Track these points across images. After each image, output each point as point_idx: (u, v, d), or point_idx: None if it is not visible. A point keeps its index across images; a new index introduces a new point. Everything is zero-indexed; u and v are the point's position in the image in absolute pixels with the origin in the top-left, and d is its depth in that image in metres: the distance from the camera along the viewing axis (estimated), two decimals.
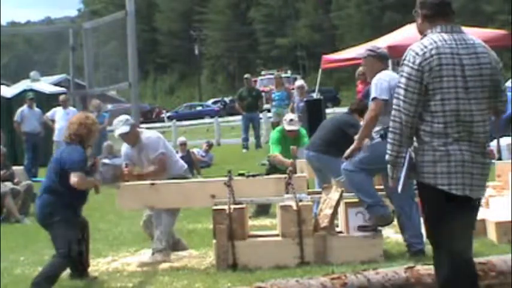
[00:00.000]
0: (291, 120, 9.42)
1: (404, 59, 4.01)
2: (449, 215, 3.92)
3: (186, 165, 7.41)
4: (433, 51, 3.91)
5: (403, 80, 3.97)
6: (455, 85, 3.89)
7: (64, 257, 5.91)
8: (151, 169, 7.01)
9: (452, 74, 3.90)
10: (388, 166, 4.07)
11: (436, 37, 3.97)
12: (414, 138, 3.99)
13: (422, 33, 4.08)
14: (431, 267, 4.92)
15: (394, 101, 4.01)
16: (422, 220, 6.56)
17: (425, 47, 3.95)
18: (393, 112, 4.01)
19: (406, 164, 3.98)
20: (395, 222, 8.02)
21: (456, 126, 3.88)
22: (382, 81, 6.26)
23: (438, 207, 3.96)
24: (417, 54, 3.95)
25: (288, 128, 9.31)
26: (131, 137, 7.14)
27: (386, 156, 4.05)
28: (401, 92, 3.96)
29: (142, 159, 7.12)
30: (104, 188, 6.70)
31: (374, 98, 6.26)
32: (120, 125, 7.12)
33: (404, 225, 6.52)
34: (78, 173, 6.00)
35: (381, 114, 6.21)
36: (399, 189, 4.05)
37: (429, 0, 4.04)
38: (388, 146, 4.04)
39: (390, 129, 4.03)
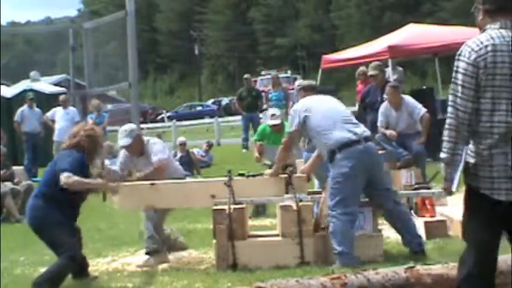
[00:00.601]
0: (273, 115, 9.48)
1: (460, 54, 3.89)
2: (487, 217, 3.83)
3: (184, 172, 7.51)
4: (489, 48, 3.81)
5: (459, 76, 3.85)
6: (508, 84, 3.78)
7: (69, 259, 5.88)
8: (148, 171, 6.96)
9: (506, 72, 3.78)
10: (442, 165, 3.93)
11: (494, 33, 3.87)
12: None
13: (482, 28, 3.98)
14: (431, 267, 4.93)
15: (450, 97, 3.89)
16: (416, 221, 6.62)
17: (482, 43, 3.85)
18: (449, 109, 3.89)
19: (462, 164, 3.85)
20: None
21: (504, 128, 3.77)
22: (293, 112, 6.70)
23: (478, 210, 3.88)
24: (473, 50, 3.84)
25: (271, 123, 9.38)
26: (135, 149, 7.08)
27: (441, 155, 3.90)
28: (458, 88, 3.84)
29: (147, 167, 7.04)
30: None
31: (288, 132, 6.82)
32: (122, 136, 7.00)
33: (398, 230, 6.51)
34: (67, 173, 5.88)
35: (292, 145, 6.69)
36: (453, 189, 3.92)
37: None
38: (444, 144, 3.90)
39: (446, 126, 3.89)
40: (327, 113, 6.46)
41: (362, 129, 6.41)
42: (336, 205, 6.18)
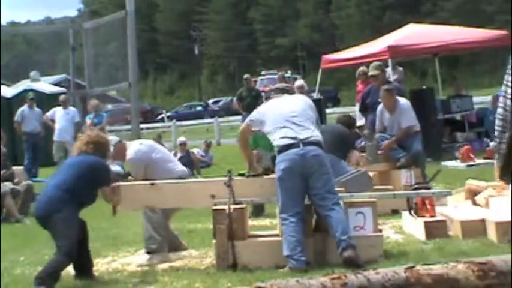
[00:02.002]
0: None
1: None
2: None
3: (186, 170, 7.50)
4: None
5: (509, 66, 3.85)
6: None
7: (65, 254, 5.91)
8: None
9: None
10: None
11: None
12: None
13: None
14: (431, 267, 4.92)
15: (503, 87, 3.92)
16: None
17: None
18: (500, 99, 3.90)
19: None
20: (393, 222, 8.06)
21: None
22: (255, 112, 6.83)
23: None
24: None
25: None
26: (118, 155, 7.17)
27: (491, 143, 3.94)
28: (509, 78, 3.83)
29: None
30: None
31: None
32: None
33: (332, 235, 6.29)
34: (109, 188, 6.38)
35: (247, 131, 6.82)
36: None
37: None
38: (495, 133, 3.95)
39: (496, 115, 3.93)
40: (276, 116, 6.50)
41: (307, 134, 6.37)
42: (280, 210, 6.30)
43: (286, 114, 6.49)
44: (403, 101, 10.12)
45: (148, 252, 6.94)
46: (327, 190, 6.29)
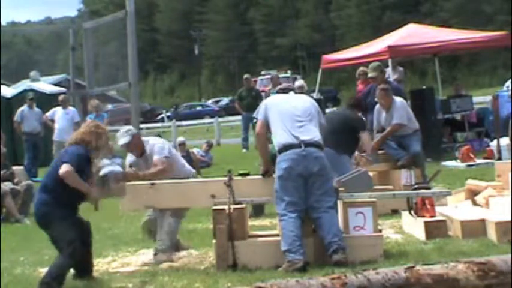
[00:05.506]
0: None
1: None
2: None
3: (193, 170, 7.58)
4: None
5: None
6: None
7: (68, 256, 5.89)
8: (154, 170, 6.99)
9: None
10: None
11: None
12: None
13: None
14: (431, 267, 4.93)
15: None
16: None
17: None
18: None
19: None
20: (393, 222, 8.06)
21: None
22: (261, 104, 6.79)
23: None
24: None
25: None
26: (134, 147, 7.16)
27: None
28: None
29: (149, 167, 7.11)
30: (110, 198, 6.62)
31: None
32: (121, 136, 7.16)
33: (320, 237, 6.33)
34: (69, 165, 5.94)
35: (264, 131, 6.63)
36: None
37: None
38: None
39: None
40: (280, 115, 6.51)
41: (309, 135, 6.38)
42: (280, 207, 6.31)
43: (289, 112, 6.52)
44: (398, 100, 10.15)
45: (156, 253, 6.95)
46: (323, 193, 6.31)
